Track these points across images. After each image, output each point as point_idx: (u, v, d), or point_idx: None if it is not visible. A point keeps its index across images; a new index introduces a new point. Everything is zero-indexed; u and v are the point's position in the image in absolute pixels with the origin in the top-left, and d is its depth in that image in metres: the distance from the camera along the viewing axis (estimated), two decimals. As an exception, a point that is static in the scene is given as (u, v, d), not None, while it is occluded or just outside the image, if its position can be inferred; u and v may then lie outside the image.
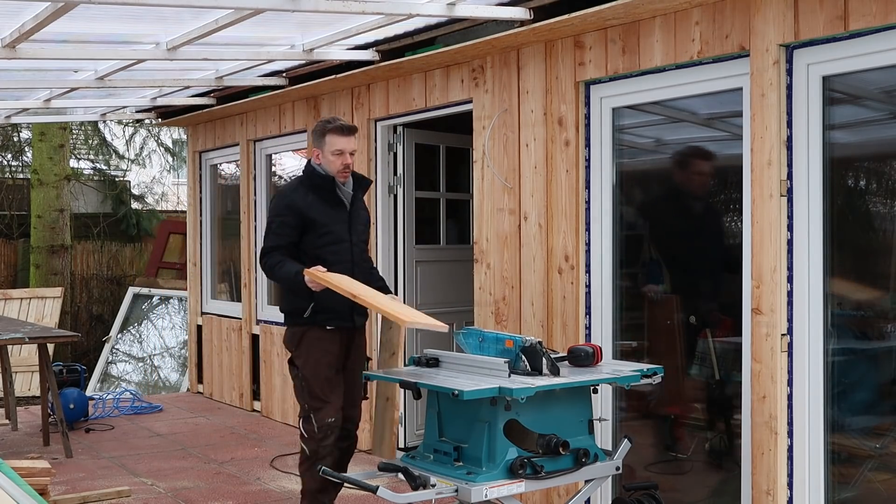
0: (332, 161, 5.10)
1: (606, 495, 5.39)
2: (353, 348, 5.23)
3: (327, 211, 5.11)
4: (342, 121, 5.22)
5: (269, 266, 5.08)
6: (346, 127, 5.13)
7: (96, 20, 5.51)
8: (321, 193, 5.13)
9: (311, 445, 5.10)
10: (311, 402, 5.11)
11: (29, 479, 5.14)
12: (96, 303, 15.93)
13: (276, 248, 5.08)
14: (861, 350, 4.53)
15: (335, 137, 5.08)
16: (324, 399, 5.08)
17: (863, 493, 4.49)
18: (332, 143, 5.09)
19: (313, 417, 5.08)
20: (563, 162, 5.51)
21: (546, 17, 5.18)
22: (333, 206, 5.15)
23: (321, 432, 5.06)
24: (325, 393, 5.09)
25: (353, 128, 5.17)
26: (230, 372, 9.49)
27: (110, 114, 9.71)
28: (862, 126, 4.63)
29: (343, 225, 5.16)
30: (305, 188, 5.15)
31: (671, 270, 5.48)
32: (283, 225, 5.09)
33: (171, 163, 19.80)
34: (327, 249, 5.08)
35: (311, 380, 5.09)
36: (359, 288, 4.83)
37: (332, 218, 5.12)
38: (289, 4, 4.92)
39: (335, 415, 5.09)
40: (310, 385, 5.10)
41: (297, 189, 5.18)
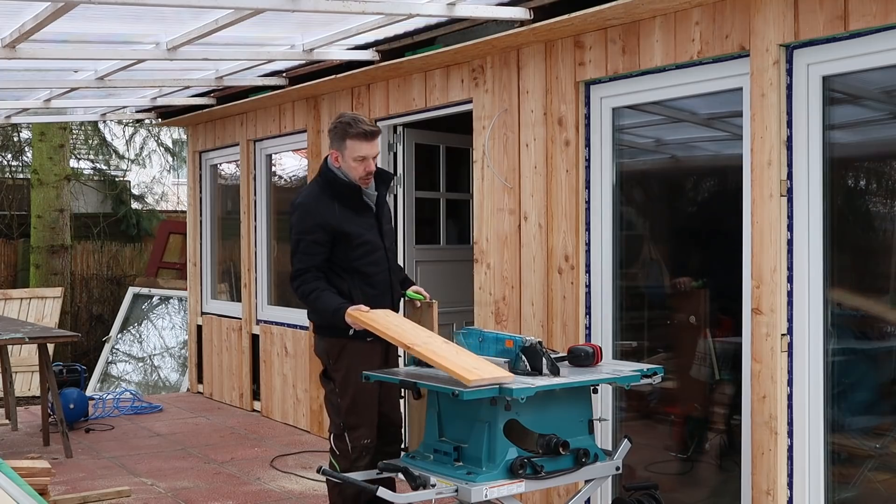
0: (354, 167, 4.72)
1: (606, 495, 5.39)
2: (391, 356, 4.92)
3: (357, 220, 4.76)
4: (364, 124, 4.74)
5: (305, 294, 4.70)
6: (370, 132, 4.71)
7: (96, 20, 5.51)
8: (347, 202, 4.76)
9: (344, 465, 4.74)
10: (346, 420, 4.77)
11: (29, 479, 5.14)
12: (96, 303, 15.93)
13: (309, 269, 4.70)
14: (861, 350, 4.53)
15: (357, 143, 4.68)
16: (358, 419, 4.75)
17: (863, 493, 4.49)
18: (353, 148, 4.69)
19: (347, 437, 4.75)
20: (563, 162, 5.51)
21: (546, 17, 5.18)
22: (362, 213, 4.80)
23: (355, 452, 4.73)
24: (362, 411, 4.76)
25: (377, 131, 4.76)
26: (230, 372, 9.49)
27: (110, 114, 9.72)
28: (862, 126, 4.63)
29: (374, 231, 4.82)
30: (329, 197, 4.74)
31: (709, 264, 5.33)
32: (313, 244, 4.69)
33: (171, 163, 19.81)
34: (364, 261, 4.76)
35: (350, 397, 4.75)
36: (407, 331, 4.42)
37: (363, 226, 4.77)
38: (289, 4, 4.92)
39: (371, 436, 4.76)
40: (347, 402, 4.77)
41: (320, 199, 4.75)
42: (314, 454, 7.30)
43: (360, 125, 4.70)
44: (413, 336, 4.35)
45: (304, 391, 8.17)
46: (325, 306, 4.65)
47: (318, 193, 4.79)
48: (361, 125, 4.70)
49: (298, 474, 6.71)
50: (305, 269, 4.71)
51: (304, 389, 8.17)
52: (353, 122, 4.72)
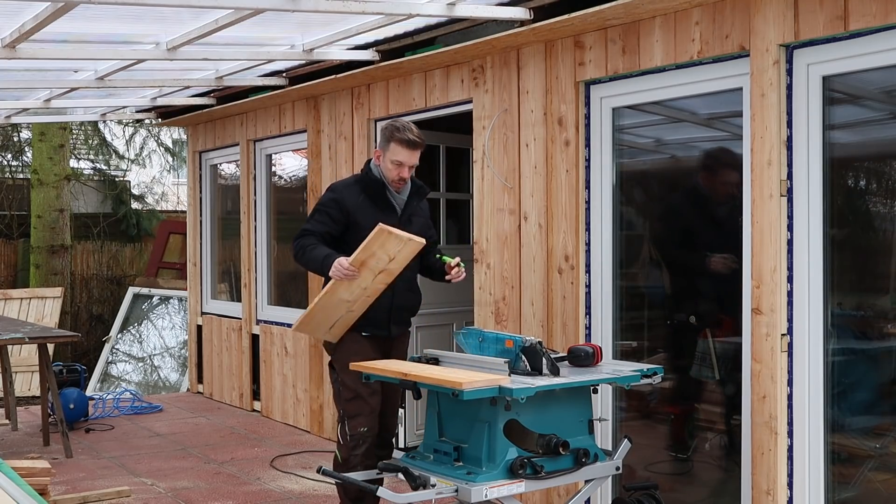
0: (390, 169, 4.94)
1: (606, 495, 5.39)
2: (392, 357, 5.04)
3: (375, 214, 4.90)
4: (412, 133, 4.93)
5: (301, 247, 4.93)
6: (413, 142, 4.91)
7: (96, 20, 5.51)
8: (372, 195, 4.98)
9: (343, 453, 4.94)
10: (345, 408, 4.96)
11: (29, 479, 5.14)
12: (96, 303, 15.93)
13: (311, 233, 4.95)
14: (861, 350, 4.53)
15: (399, 148, 4.90)
16: (358, 407, 4.91)
17: (863, 493, 4.49)
18: (394, 151, 4.91)
19: (347, 425, 4.93)
20: (563, 162, 5.51)
21: (546, 17, 5.18)
22: (383, 211, 4.96)
23: (353, 440, 4.89)
24: (360, 400, 4.90)
25: (420, 143, 4.94)
26: (230, 372, 9.49)
27: (110, 114, 9.72)
28: (862, 126, 4.63)
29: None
30: (359, 187, 5.01)
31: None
32: (325, 214, 4.97)
33: (171, 163, 19.81)
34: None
35: (348, 386, 4.92)
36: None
37: (377, 221, 4.81)
38: (289, 4, 4.92)
39: (368, 424, 4.91)
40: (347, 392, 4.94)
41: (350, 186, 5.05)
42: (314, 454, 7.30)
43: (407, 133, 4.90)
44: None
45: (304, 391, 8.17)
46: (315, 256, 4.86)
47: (352, 182, 5.11)
48: (408, 133, 4.91)
49: (298, 474, 6.71)
50: (309, 231, 4.96)
51: (304, 389, 8.17)
52: (403, 128, 4.93)
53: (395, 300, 4.99)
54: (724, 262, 4.95)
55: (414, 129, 4.95)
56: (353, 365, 4.52)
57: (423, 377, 4.03)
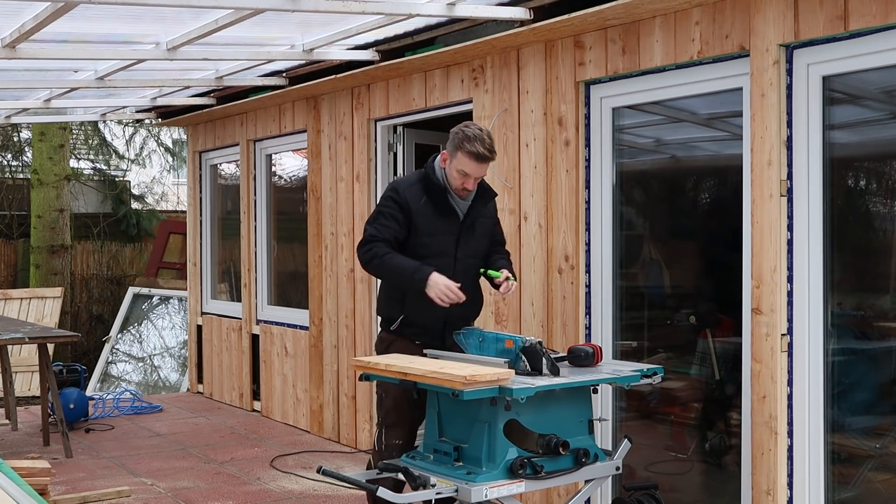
0: (455, 177, 4.66)
1: (606, 495, 5.39)
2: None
3: (436, 219, 4.68)
4: (483, 146, 4.56)
5: (376, 255, 4.61)
6: (483, 156, 4.57)
7: (96, 20, 5.51)
8: (435, 199, 4.70)
9: (376, 459, 4.70)
10: (385, 418, 4.74)
11: (29, 479, 5.14)
12: (96, 303, 15.93)
13: (380, 239, 4.63)
14: (861, 350, 4.53)
15: (466, 159, 4.58)
16: (397, 417, 4.68)
17: (863, 493, 4.49)
18: (461, 161, 4.60)
19: (384, 434, 4.72)
20: (563, 162, 5.51)
21: (546, 17, 5.18)
22: (445, 215, 4.70)
23: (387, 452, 4.66)
24: (400, 411, 4.66)
25: (489, 157, 4.60)
26: (230, 372, 9.49)
27: (110, 114, 9.72)
28: (862, 126, 4.63)
29: (450, 237, 4.70)
30: (422, 187, 4.72)
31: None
32: (390, 217, 4.66)
33: (171, 163, 19.81)
34: (427, 262, 4.60)
35: (391, 397, 4.66)
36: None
37: (438, 227, 4.68)
38: (289, 4, 4.92)
39: (403, 438, 4.67)
40: (389, 402, 4.70)
41: (413, 185, 4.75)
42: (314, 454, 7.30)
43: (477, 145, 4.56)
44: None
45: (304, 391, 8.17)
46: (400, 266, 4.57)
47: (415, 181, 4.80)
48: (478, 145, 4.56)
49: (298, 474, 6.71)
50: (377, 237, 4.65)
51: (304, 389, 8.17)
52: (473, 138, 4.57)
53: (450, 309, 4.62)
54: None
55: (486, 139, 4.58)
56: (353, 362, 4.47)
57: (423, 377, 4.02)
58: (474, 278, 4.83)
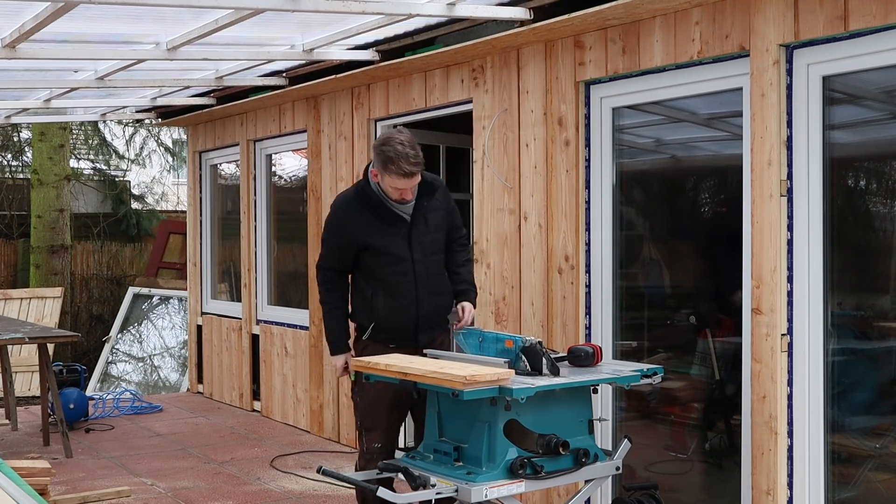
0: (391, 191, 4.61)
1: (606, 495, 5.39)
2: None
3: (383, 230, 4.65)
4: (406, 163, 4.46)
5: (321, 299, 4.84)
6: (410, 172, 4.50)
7: (96, 20, 5.51)
8: (377, 213, 4.65)
9: (360, 463, 4.77)
10: (363, 421, 4.76)
11: (29, 479, 5.14)
12: (96, 303, 15.93)
13: (330, 268, 4.77)
14: (861, 350, 4.53)
15: (395, 178, 4.52)
16: (374, 421, 4.72)
17: (863, 493, 4.49)
18: (391, 180, 4.55)
19: (364, 438, 4.76)
20: (563, 162, 5.51)
21: (546, 17, 5.18)
22: (392, 223, 4.66)
23: (368, 454, 4.70)
24: (377, 415, 4.70)
25: (417, 170, 4.52)
26: (230, 372, 9.49)
27: (110, 114, 9.72)
28: (862, 126, 4.63)
29: (402, 242, 4.66)
30: (359, 204, 4.67)
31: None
32: (334, 247, 4.74)
33: (171, 163, 19.82)
34: (388, 271, 4.67)
35: (367, 400, 4.71)
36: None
37: (388, 238, 4.65)
38: (289, 4, 4.92)
39: (383, 441, 4.71)
40: (363, 404, 4.73)
41: (351, 204, 4.70)
42: (314, 454, 7.30)
43: (402, 165, 4.47)
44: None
45: (304, 391, 8.17)
46: (328, 329, 4.83)
47: (352, 198, 4.74)
48: (402, 165, 4.47)
49: (298, 474, 6.71)
50: (327, 267, 4.81)
51: (304, 389, 8.17)
52: (397, 158, 4.46)
53: (419, 310, 4.69)
54: None
55: (409, 155, 4.48)
56: (353, 363, 4.47)
57: (423, 377, 4.02)
58: (438, 275, 4.80)
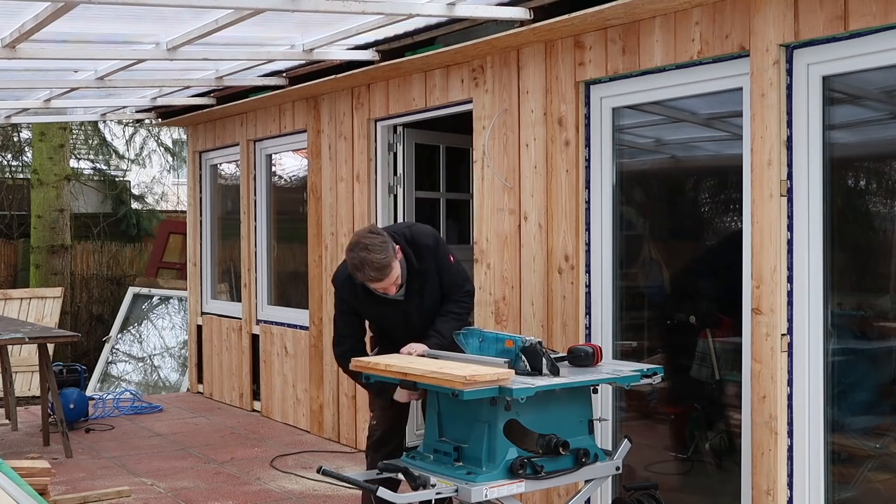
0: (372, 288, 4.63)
1: (606, 495, 5.39)
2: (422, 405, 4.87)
3: (378, 308, 4.78)
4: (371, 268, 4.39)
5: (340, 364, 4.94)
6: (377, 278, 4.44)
7: (96, 20, 5.51)
8: (367, 293, 4.66)
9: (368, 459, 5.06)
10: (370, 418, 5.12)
11: (29, 479, 5.14)
12: (96, 303, 15.93)
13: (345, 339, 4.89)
14: (861, 350, 4.53)
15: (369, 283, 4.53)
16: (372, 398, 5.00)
17: (863, 493, 4.49)
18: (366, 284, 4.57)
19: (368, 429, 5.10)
20: (563, 162, 5.51)
21: (546, 17, 5.18)
22: (384, 303, 4.73)
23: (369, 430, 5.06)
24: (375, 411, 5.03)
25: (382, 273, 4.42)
26: (230, 372, 9.49)
27: (110, 114, 9.71)
28: (862, 126, 4.63)
29: (397, 319, 4.79)
30: (352, 283, 4.67)
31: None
32: (342, 314, 4.89)
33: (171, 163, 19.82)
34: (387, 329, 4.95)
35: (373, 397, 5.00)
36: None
37: (383, 314, 4.83)
38: (289, 4, 4.92)
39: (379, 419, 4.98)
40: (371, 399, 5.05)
41: (346, 280, 4.73)
42: (314, 454, 7.30)
43: (367, 272, 4.41)
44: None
45: (304, 391, 8.17)
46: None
47: (346, 276, 4.72)
48: (368, 272, 4.41)
49: (298, 474, 6.71)
50: (342, 339, 4.91)
51: (304, 389, 8.17)
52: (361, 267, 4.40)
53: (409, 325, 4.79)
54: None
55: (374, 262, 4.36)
56: (353, 363, 4.46)
57: (423, 377, 4.02)
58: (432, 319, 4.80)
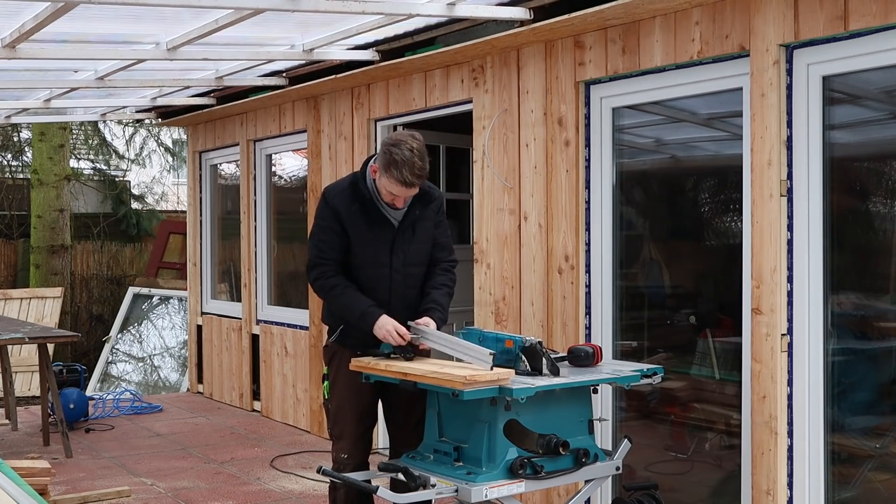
0: (384, 193, 4.36)
1: (606, 495, 5.39)
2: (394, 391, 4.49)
3: (367, 228, 4.41)
4: (411, 173, 4.22)
5: (324, 288, 4.42)
6: (411, 182, 4.24)
7: (96, 20, 5.51)
8: (364, 206, 4.41)
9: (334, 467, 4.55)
10: (331, 429, 4.62)
11: (29, 479, 5.14)
12: (96, 303, 15.93)
13: (326, 261, 4.43)
14: (861, 350, 4.53)
15: (393, 184, 4.26)
16: (341, 430, 4.55)
17: (863, 493, 4.49)
18: (389, 184, 4.28)
19: (333, 446, 4.60)
20: (563, 162, 5.51)
21: (546, 17, 5.18)
22: (378, 224, 4.42)
23: (336, 463, 4.53)
24: (343, 424, 4.54)
25: (418, 182, 4.27)
26: (230, 372, 9.49)
27: (110, 114, 9.72)
28: (862, 126, 4.62)
29: (383, 247, 4.43)
30: (351, 196, 4.42)
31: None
32: (329, 230, 4.42)
33: (171, 163, 19.82)
34: (361, 273, 4.44)
35: (335, 406, 4.58)
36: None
37: (370, 238, 4.42)
38: (289, 4, 4.92)
39: (348, 451, 4.51)
40: (333, 410, 4.59)
41: (344, 191, 4.45)
42: (314, 454, 7.30)
43: (405, 171, 4.21)
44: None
45: (304, 391, 8.17)
46: (348, 306, 4.39)
47: (346, 187, 4.49)
48: (405, 172, 4.21)
49: (298, 474, 6.71)
50: (322, 260, 4.45)
51: (304, 389, 8.17)
52: (402, 164, 4.20)
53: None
54: None
55: (416, 164, 4.21)
56: (353, 363, 4.40)
57: (423, 377, 4.02)
58: (414, 289, 4.55)
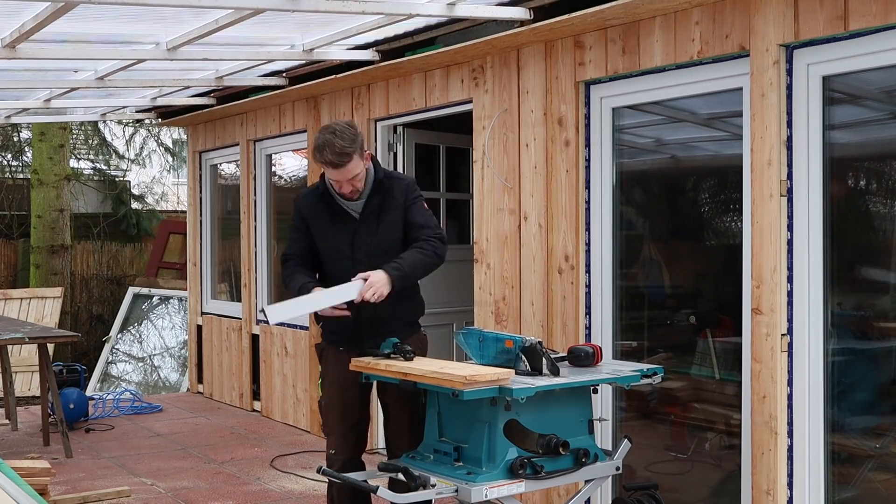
0: (333, 184, 4.49)
1: (606, 495, 5.39)
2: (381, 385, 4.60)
3: (330, 223, 4.56)
4: (332, 151, 4.28)
5: (283, 278, 4.70)
6: (334, 162, 4.30)
7: (96, 20, 5.51)
8: (327, 204, 4.56)
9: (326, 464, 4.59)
10: (322, 426, 4.76)
11: (29, 479, 5.14)
12: (96, 303, 15.93)
13: (291, 256, 4.69)
14: (861, 350, 4.53)
15: (327, 169, 4.41)
16: (330, 427, 4.63)
17: (863, 493, 4.49)
18: (326, 171, 4.45)
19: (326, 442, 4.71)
20: (563, 162, 5.51)
21: (546, 17, 5.18)
22: (340, 218, 4.55)
23: (327, 458, 4.62)
24: (331, 420, 4.62)
25: (342, 161, 4.30)
26: (230, 372, 9.49)
27: (110, 114, 9.71)
28: (862, 126, 4.63)
29: (344, 240, 4.54)
30: (318, 195, 4.60)
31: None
32: (294, 230, 4.70)
33: (171, 163, 19.83)
34: (329, 266, 4.62)
35: (325, 403, 4.68)
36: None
37: (332, 233, 4.56)
38: (289, 4, 4.92)
39: (336, 446, 4.58)
40: (324, 407, 4.69)
41: (310, 194, 4.67)
42: (314, 454, 7.30)
43: (326, 153, 4.29)
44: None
45: (304, 391, 8.17)
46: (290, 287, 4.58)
47: (313, 189, 4.71)
48: (327, 153, 4.29)
49: (298, 474, 6.71)
50: (289, 255, 4.72)
51: (304, 389, 8.17)
52: (322, 147, 4.30)
53: (360, 313, 4.42)
54: None
55: (336, 144, 4.26)
56: (353, 363, 4.43)
57: (423, 377, 4.02)
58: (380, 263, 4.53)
